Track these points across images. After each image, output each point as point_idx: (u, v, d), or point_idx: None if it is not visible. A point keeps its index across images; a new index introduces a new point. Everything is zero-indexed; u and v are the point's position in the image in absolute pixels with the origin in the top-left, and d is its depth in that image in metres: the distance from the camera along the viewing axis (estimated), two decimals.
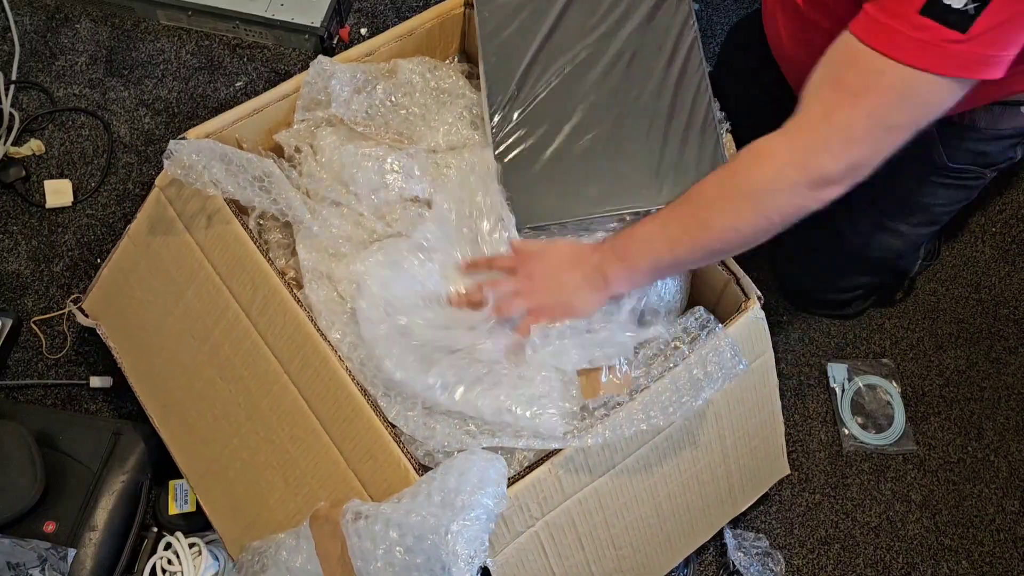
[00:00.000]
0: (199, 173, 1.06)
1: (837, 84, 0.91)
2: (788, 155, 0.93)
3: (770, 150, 0.94)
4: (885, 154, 0.92)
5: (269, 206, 1.09)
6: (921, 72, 0.86)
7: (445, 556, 0.83)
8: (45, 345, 1.49)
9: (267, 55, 1.78)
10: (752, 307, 1.10)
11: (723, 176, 0.99)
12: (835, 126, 0.91)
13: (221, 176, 1.07)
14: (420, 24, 1.30)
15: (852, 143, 0.91)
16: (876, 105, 0.89)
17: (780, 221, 0.96)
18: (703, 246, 1.00)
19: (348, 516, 0.89)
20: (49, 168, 1.65)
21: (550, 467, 0.98)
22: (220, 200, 1.11)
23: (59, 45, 1.78)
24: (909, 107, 0.90)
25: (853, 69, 0.90)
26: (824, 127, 0.91)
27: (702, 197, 1.00)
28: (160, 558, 1.29)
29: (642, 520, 1.14)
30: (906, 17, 0.85)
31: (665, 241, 1.01)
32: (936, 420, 1.52)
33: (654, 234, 1.02)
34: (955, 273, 1.64)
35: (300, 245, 1.11)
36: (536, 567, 1.03)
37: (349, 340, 1.04)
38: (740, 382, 1.14)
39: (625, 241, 1.04)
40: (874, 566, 1.40)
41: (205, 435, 1.18)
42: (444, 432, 0.97)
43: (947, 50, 0.85)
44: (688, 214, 1.00)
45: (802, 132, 0.93)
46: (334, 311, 1.07)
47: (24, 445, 1.26)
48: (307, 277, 1.09)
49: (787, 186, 0.93)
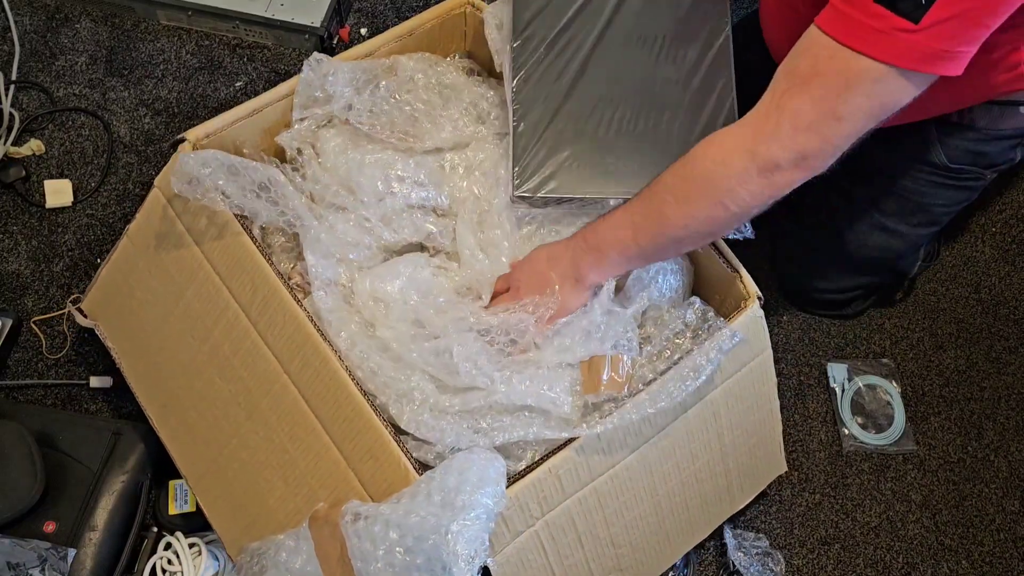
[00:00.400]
0: (205, 189, 1.07)
1: (790, 72, 0.91)
2: (738, 141, 0.94)
3: (721, 138, 0.96)
4: (836, 145, 0.92)
5: (276, 219, 1.09)
6: (870, 60, 0.86)
7: (446, 556, 0.83)
8: (45, 345, 1.49)
9: (267, 55, 1.78)
10: (752, 306, 1.10)
11: (679, 166, 1.00)
12: (784, 112, 0.91)
13: (228, 190, 1.07)
14: (420, 24, 1.30)
15: (800, 131, 0.90)
16: (824, 91, 0.89)
17: (737, 210, 0.96)
18: (665, 234, 1.01)
19: (347, 517, 0.89)
20: (49, 168, 1.65)
21: (550, 467, 0.98)
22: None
23: (59, 45, 1.78)
24: (857, 95, 0.88)
25: (806, 56, 0.90)
26: (774, 113, 0.92)
27: (660, 186, 1.01)
28: (160, 558, 1.29)
29: (641, 519, 1.14)
30: (863, 5, 0.85)
31: (630, 230, 1.02)
32: (936, 420, 1.52)
33: (620, 224, 1.03)
34: (955, 273, 1.64)
35: (308, 251, 1.12)
36: (536, 566, 1.03)
37: (360, 349, 1.05)
38: (739, 380, 1.15)
39: (594, 232, 1.05)
40: (874, 566, 1.40)
41: (204, 435, 1.18)
42: (454, 432, 0.98)
43: (898, 39, 0.84)
44: (648, 204, 1.02)
45: (754, 119, 0.94)
46: (343, 319, 1.08)
47: (24, 445, 1.26)
48: (315, 284, 1.10)
49: (736, 172, 0.94)
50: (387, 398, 1.02)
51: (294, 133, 1.22)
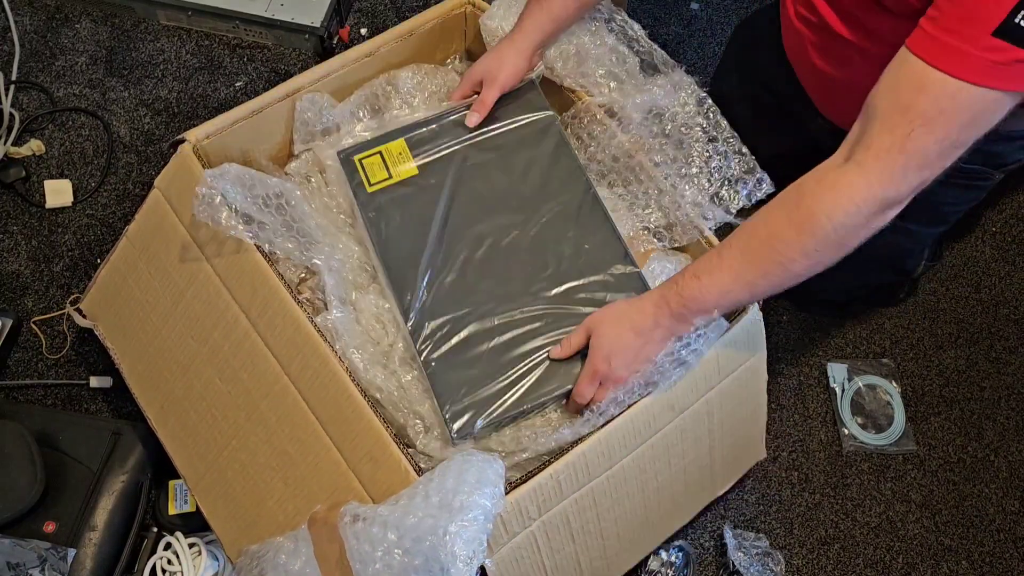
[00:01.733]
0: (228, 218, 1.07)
1: (907, 110, 0.89)
2: (866, 189, 0.91)
3: (847, 184, 0.92)
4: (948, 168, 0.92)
5: (299, 255, 1.10)
6: (1000, 92, 0.86)
7: (443, 557, 0.83)
8: (45, 345, 1.49)
9: (267, 55, 1.78)
10: (751, 308, 1.11)
11: (797, 216, 0.95)
12: (910, 153, 0.89)
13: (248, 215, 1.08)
14: (420, 24, 1.30)
15: (924, 168, 0.90)
16: (950, 129, 0.88)
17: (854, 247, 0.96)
18: (783, 284, 0.99)
19: (346, 519, 0.89)
20: (49, 168, 1.65)
21: (552, 472, 0.98)
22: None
23: (59, 45, 1.78)
24: (981, 126, 0.89)
25: (924, 94, 0.88)
26: (899, 156, 0.89)
27: (778, 240, 0.96)
28: (160, 558, 1.29)
29: (630, 512, 1.15)
30: (977, 39, 0.84)
31: (745, 288, 0.99)
32: (936, 420, 1.52)
33: (730, 284, 0.99)
34: (955, 273, 1.64)
35: (325, 273, 1.11)
36: (529, 563, 1.04)
37: (383, 381, 1.06)
38: (734, 380, 1.15)
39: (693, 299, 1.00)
40: (874, 566, 1.40)
41: (204, 436, 1.18)
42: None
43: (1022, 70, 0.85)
44: (765, 258, 0.97)
45: (877, 163, 0.91)
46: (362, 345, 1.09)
47: (24, 445, 1.26)
48: (331, 302, 1.10)
49: (865, 219, 0.92)
50: (407, 419, 1.05)
51: (302, 163, 1.25)
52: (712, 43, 1.85)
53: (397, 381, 1.08)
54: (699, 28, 1.87)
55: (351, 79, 1.27)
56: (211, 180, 1.06)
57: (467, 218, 1.15)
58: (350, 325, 1.10)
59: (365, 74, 1.29)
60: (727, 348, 1.10)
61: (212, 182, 1.05)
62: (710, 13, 1.89)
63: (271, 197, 1.10)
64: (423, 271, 1.11)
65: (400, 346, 1.11)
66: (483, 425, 1.04)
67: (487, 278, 1.12)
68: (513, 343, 1.08)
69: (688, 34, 1.87)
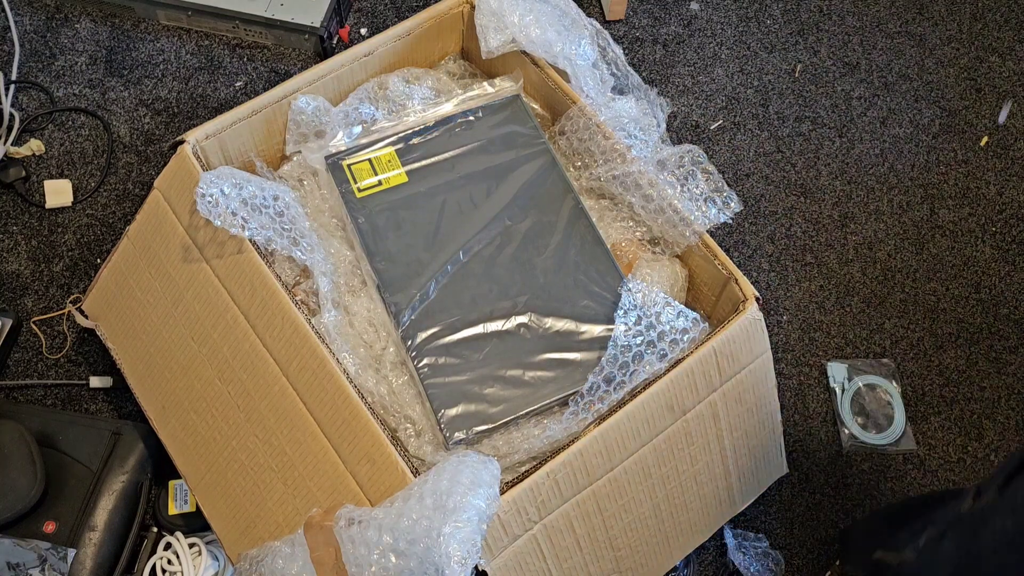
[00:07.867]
0: (227, 216, 1.08)
1: None
2: None
3: None
4: None
5: (291, 249, 1.10)
6: None
7: (438, 559, 0.83)
8: (45, 345, 1.49)
9: (267, 55, 1.78)
10: (750, 308, 1.10)
11: None
12: None
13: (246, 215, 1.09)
14: (419, 24, 1.30)
15: None
16: None
17: None
18: None
19: (341, 522, 0.89)
20: (49, 168, 1.65)
21: (548, 471, 0.98)
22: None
23: (59, 45, 1.78)
24: None
25: None
26: None
27: None
28: (160, 558, 1.29)
29: (640, 521, 1.14)
30: None
31: None
32: (936, 420, 1.51)
33: None
34: (955, 273, 1.64)
35: (319, 276, 1.13)
36: (534, 569, 1.03)
37: (374, 385, 1.07)
38: (739, 382, 1.15)
39: None
40: None
41: (204, 437, 1.18)
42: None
43: None
44: None
45: None
46: (354, 348, 1.09)
47: (24, 445, 1.26)
48: (325, 305, 1.11)
49: None
50: (398, 424, 1.05)
51: (295, 165, 1.26)
52: (712, 43, 1.85)
53: (388, 386, 1.09)
54: (699, 28, 1.87)
55: (350, 79, 1.28)
56: (208, 182, 1.06)
57: (456, 226, 1.16)
58: (343, 328, 1.10)
59: (364, 74, 1.29)
60: (727, 348, 1.10)
61: (209, 184, 1.06)
62: (710, 13, 1.89)
63: (267, 199, 1.10)
64: (412, 278, 1.12)
65: (391, 350, 1.11)
66: (479, 431, 1.04)
67: (475, 286, 1.13)
68: (505, 350, 1.09)
69: (688, 34, 1.86)
